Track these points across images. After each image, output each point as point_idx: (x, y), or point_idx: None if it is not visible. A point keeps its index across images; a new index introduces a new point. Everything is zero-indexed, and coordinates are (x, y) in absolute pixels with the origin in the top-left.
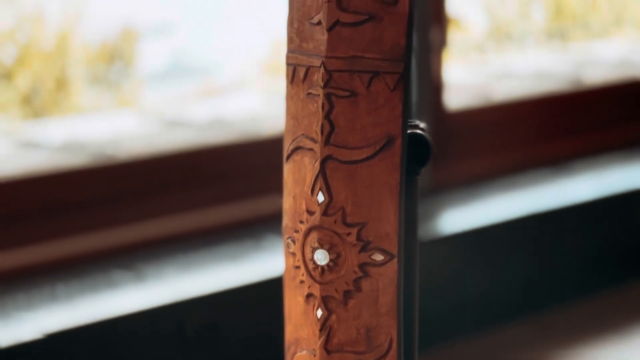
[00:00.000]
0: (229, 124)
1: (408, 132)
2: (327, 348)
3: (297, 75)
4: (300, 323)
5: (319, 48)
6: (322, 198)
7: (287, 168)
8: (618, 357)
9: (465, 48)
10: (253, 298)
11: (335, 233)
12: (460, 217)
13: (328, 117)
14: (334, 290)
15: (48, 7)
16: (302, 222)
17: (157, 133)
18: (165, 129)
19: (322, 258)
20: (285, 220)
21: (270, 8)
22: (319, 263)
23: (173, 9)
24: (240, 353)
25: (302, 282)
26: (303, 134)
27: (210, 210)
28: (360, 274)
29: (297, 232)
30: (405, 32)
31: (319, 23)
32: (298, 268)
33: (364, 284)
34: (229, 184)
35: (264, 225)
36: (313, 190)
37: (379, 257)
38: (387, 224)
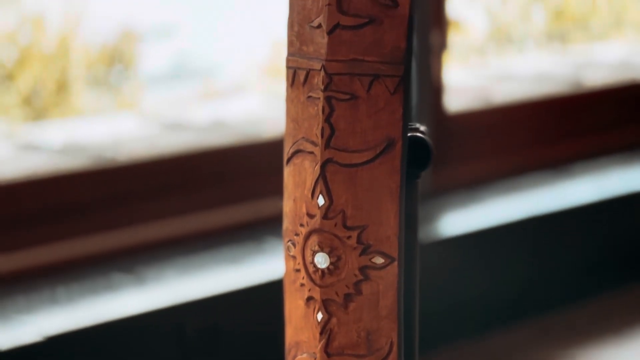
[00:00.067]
0: (230, 126)
1: (408, 135)
2: (327, 351)
3: (297, 79)
4: (301, 326)
5: (319, 51)
6: (322, 201)
7: (287, 171)
8: (618, 359)
9: (465, 50)
10: (253, 301)
11: (336, 236)
12: (461, 219)
13: (328, 120)
14: (335, 294)
15: (49, 9)
16: (302, 225)
17: (157, 135)
18: (166, 132)
19: (322, 261)
20: (286, 224)
21: (271, 10)
22: (320, 266)
23: (175, 11)
24: (241, 356)
25: (302, 285)
26: (303, 137)
27: (211, 213)
28: (361, 277)
29: (297, 235)
30: (406, 35)
31: (319, 26)
32: (298, 271)
33: (365, 287)
34: (230, 187)
35: (264, 228)
36: (313, 194)
37: (380, 260)
38: (387, 227)
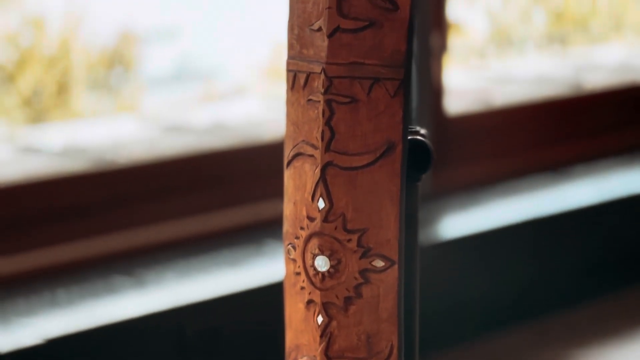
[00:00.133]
0: (230, 129)
1: (409, 138)
2: (327, 354)
3: (297, 82)
4: (301, 329)
5: (320, 54)
6: (322, 204)
7: (287, 174)
8: None
9: (466, 53)
10: (253, 303)
11: (336, 239)
12: (460, 222)
13: (328, 123)
14: (335, 297)
15: (50, 10)
16: (302, 228)
17: (157, 138)
18: (166, 134)
19: (322, 264)
20: (286, 227)
21: (272, 12)
22: (320, 269)
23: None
24: (241, 359)
25: (302, 288)
26: (303, 141)
27: (211, 215)
28: (361, 280)
29: (297, 238)
30: (406, 38)
31: (320, 29)
32: (298, 274)
33: (365, 290)
34: (230, 189)
35: (265, 230)
36: (313, 197)
37: (380, 263)
38: (387, 230)
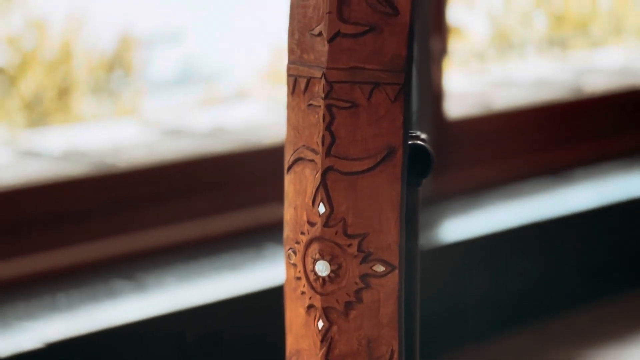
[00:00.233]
0: (230, 133)
1: (409, 143)
2: (328, 359)
3: (297, 87)
4: (301, 334)
5: (320, 59)
6: (323, 209)
7: (288, 179)
8: None
9: (466, 56)
10: (254, 307)
11: (336, 244)
12: (461, 225)
13: (329, 128)
14: (335, 302)
15: (51, 14)
16: (303, 233)
17: (157, 142)
18: (166, 138)
19: (323, 269)
20: (286, 232)
21: (273, 16)
22: (320, 274)
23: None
24: None
25: (303, 293)
26: (304, 145)
27: (211, 219)
28: (362, 285)
29: (298, 243)
30: (406, 42)
31: (320, 34)
32: (299, 279)
33: (365, 295)
34: (230, 193)
35: (265, 234)
36: (314, 202)
37: (380, 268)
38: (388, 235)
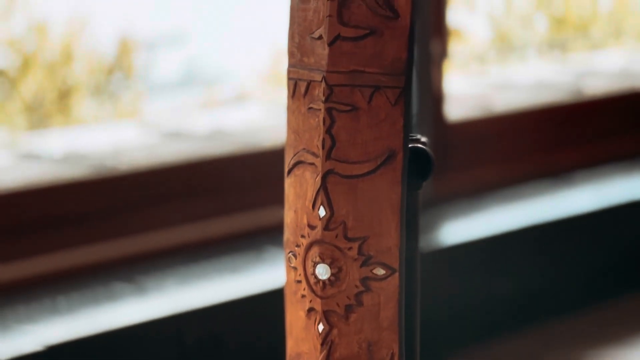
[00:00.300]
0: (230, 135)
1: (409, 146)
2: None
3: (298, 90)
4: (302, 337)
5: (320, 62)
6: (323, 212)
7: (288, 182)
8: None
9: (466, 59)
10: (254, 310)
11: (337, 247)
12: (461, 228)
13: (329, 131)
14: (336, 305)
15: (52, 16)
16: (303, 236)
17: (158, 144)
18: (166, 141)
19: (323, 272)
20: (287, 235)
21: (273, 18)
22: (321, 277)
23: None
24: None
25: (303, 296)
26: (304, 149)
27: (211, 222)
28: (362, 289)
29: (298, 246)
30: (407, 46)
31: (320, 37)
32: (299, 282)
33: (366, 299)
34: (230, 196)
35: (265, 237)
36: (314, 205)
37: (381, 271)
38: (388, 239)
